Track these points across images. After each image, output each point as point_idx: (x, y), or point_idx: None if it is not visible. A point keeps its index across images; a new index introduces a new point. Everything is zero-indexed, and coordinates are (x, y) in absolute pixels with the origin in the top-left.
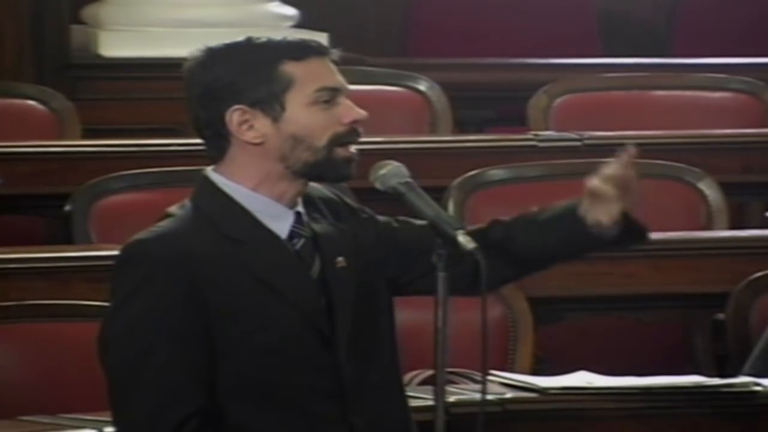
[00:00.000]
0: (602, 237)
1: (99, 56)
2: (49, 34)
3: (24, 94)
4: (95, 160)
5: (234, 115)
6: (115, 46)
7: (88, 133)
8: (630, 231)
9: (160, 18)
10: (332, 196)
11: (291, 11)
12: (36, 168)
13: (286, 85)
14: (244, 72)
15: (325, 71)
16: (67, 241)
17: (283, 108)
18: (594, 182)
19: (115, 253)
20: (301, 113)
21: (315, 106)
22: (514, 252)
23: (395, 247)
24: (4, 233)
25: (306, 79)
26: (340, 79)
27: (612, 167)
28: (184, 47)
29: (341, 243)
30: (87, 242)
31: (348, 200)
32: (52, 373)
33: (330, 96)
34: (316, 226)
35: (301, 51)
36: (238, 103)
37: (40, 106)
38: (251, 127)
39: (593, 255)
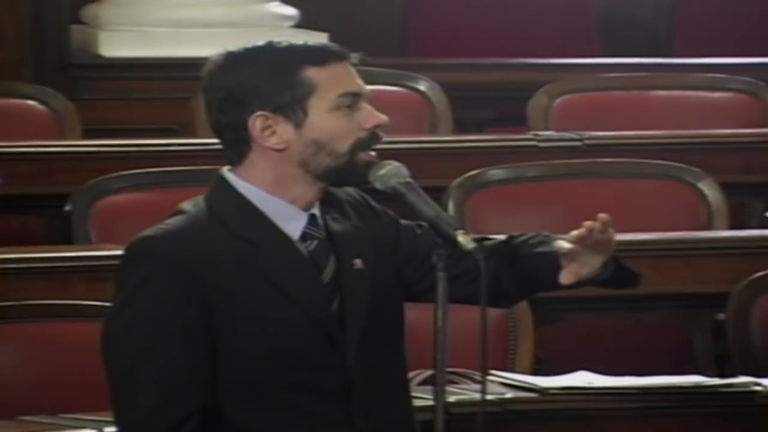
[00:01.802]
0: (583, 284)
1: (99, 56)
2: (49, 34)
3: (24, 94)
4: (95, 160)
5: (257, 121)
6: (115, 46)
7: (88, 133)
8: (620, 277)
9: (160, 18)
10: (358, 197)
11: (291, 11)
12: (36, 168)
13: (309, 90)
14: (267, 77)
15: (347, 76)
16: (67, 241)
17: (305, 114)
18: (564, 244)
19: (115, 252)
20: (323, 119)
21: (337, 111)
22: (518, 272)
23: (414, 253)
24: (4, 233)
25: (328, 84)
26: (361, 84)
27: (580, 232)
28: (184, 47)
29: (359, 244)
30: (87, 242)
31: (373, 203)
32: (52, 373)
33: (352, 101)
34: (336, 227)
35: (322, 56)
36: (261, 109)
37: (40, 106)
38: (274, 133)
39: None
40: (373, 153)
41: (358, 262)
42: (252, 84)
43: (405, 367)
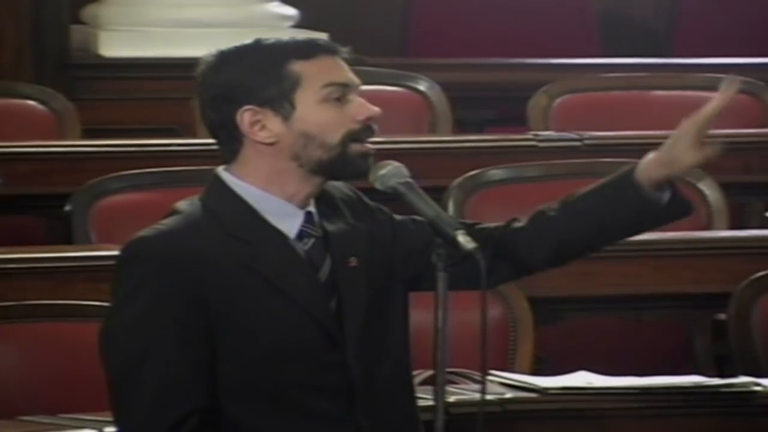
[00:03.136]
0: (656, 202)
1: (99, 56)
2: (49, 34)
3: (24, 94)
4: (95, 160)
5: (245, 116)
6: (115, 46)
7: (88, 133)
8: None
9: (160, 18)
10: (352, 195)
11: (291, 11)
12: (36, 168)
13: (294, 83)
14: (253, 73)
15: (334, 68)
16: (67, 241)
17: (293, 106)
18: (699, 117)
19: (115, 253)
20: (311, 111)
21: (326, 103)
22: (547, 235)
23: (411, 247)
24: (4, 233)
25: (314, 76)
26: (350, 76)
27: (718, 101)
28: (184, 47)
29: (354, 242)
30: (87, 242)
31: (366, 200)
32: (52, 373)
33: (340, 93)
34: (330, 226)
35: (309, 49)
36: (249, 104)
37: (40, 106)
38: (263, 127)
39: (598, 253)
40: (369, 144)
41: (352, 260)
42: (240, 81)
43: (409, 365)
